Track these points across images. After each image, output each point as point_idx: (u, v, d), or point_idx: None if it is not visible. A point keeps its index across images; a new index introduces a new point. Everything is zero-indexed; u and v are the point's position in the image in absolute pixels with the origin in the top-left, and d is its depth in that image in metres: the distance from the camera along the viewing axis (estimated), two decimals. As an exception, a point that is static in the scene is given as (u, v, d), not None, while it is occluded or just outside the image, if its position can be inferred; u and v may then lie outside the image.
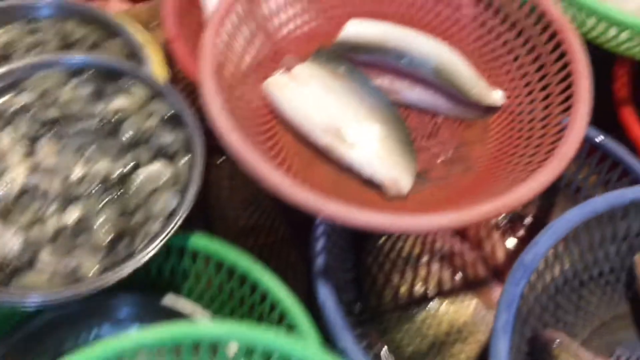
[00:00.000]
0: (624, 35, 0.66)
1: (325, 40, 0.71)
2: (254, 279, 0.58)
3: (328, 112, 0.64)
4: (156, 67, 0.70)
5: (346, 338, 0.56)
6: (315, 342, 0.52)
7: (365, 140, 0.63)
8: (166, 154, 0.58)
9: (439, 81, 0.67)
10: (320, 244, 0.61)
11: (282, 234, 0.72)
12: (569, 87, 0.61)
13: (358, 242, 0.66)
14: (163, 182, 0.57)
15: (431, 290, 0.62)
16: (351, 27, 0.71)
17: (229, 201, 0.73)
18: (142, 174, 0.57)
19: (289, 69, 0.68)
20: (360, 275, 0.64)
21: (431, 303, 0.61)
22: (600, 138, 0.68)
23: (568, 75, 0.62)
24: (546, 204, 0.69)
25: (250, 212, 0.73)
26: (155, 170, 0.56)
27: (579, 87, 0.60)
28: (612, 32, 0.66)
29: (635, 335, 0.55)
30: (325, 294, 0.58)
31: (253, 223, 0.73)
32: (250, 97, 0.65)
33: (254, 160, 0.52)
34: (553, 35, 0.64)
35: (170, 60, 0.73)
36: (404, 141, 0.64)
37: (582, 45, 0.62)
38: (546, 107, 0.63)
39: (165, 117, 0.61)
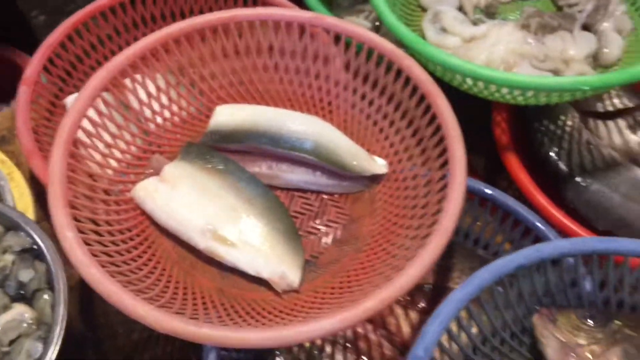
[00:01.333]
0: (480, 84, 0.66)
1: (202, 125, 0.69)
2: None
3: (204, 213, 0.60)
4: (18, 194, 0.65)
5: None
6: None
7: (246, 238, 0.59)
8: (25, 295, 0.53)
9: (318, 159, 0.64)
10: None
11: (179, 342, 0.67)
12: (444, 150, 0.60)
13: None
14: (24, 329, 0.51)
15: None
16: (219, 114, 0.68)
17: (117, 315, 0.68)
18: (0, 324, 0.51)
19: (157, 170, 0.64)
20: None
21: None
22: (489, 190, 0.67)
23: (442, 139, 0.60)
24: (444, 267, 0.67)
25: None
26: (14, 318, 0.51)
27: (453, 151, 0.59)
28: (469, 82, 0.66)
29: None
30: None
31: (147, 335, 0.68)
32: (118, 208, 0.61)
33: (117, 296, 0.48)
34: (422, 99, 0.63)
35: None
36: (287, 231, 0.61)
37: (449, 106, 0.61)
38: (428, 170, 0.62)
39: (22, 251, 0.55)
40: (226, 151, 0.66)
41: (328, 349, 0.61)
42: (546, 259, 0.54)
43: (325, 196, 0.66)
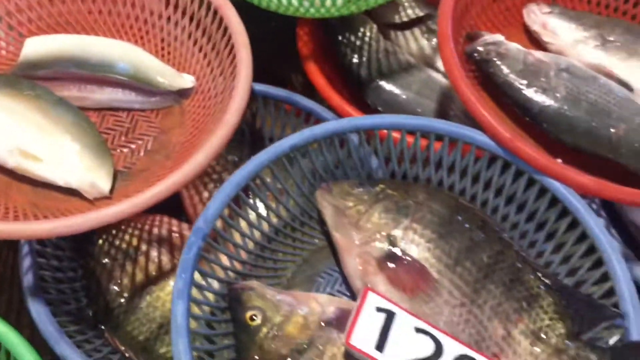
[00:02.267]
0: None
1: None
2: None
3: (10, 134, 0.63)
4: None
5: (63, 346, 0.56)
6: None
7: (53, 153, 0.63)
8: None
9: (126, 79, 0.69)
10: (26, 263, 0.61)
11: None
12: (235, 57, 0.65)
13: (82, 249, 0.67)
14: None
15: (152, 276, 0.64)
16: (29, 45, 0.71)
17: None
18: None
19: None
20: (87, 279, 0.65)
21: (153, 287, 0.63)
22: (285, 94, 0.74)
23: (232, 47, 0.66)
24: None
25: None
26: None
27: (240, 56, 0.65)
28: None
29: (332, 262, 0.61)
30: (37, 311, 0.58)
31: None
32: None
33: None
34: (220, 20, 0.68)
35: None
36: (95, 144, 0.65)
37: (237, 16, 0.67)
38: (224, 80, 0.67)
39: None
40: (36, 79, 0.69)
41: (144, 246, 0.66)
42: (319, 137, 0.61)
43: (136, 113, 0.71)
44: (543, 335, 0.52)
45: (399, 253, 0.55)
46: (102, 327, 0.63)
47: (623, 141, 0.63)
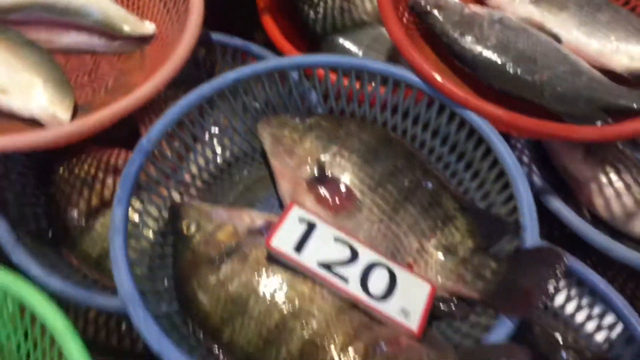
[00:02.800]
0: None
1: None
2: None
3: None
4: None
5: (20, 257, 0.62)
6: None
7: (19, 87, 0.68)
8: None
9: (91, 24, 0.74)
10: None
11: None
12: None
13: (44, 177, 0.72)
14: None
15: (107, 200, 0.69)
16: (2, -9, 0.76)
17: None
18: None
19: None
20: (48, 205, 0.70)
21: (107, 210, 0.68)
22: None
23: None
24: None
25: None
26: None
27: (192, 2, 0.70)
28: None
29: (272, 191, 0.66)
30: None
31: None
32: None
33: None
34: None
35: None
36: (58, 80, 0.70)
37: None
38: (180, 26, 0.73)
39: None
40: (8, 22, 0.74)
41: (100, 175, 0.71)
42: (261, 72, 0.66)
43: (99, 56, 0.76)
44: (453, 249, 0.57)
45: (326, 176, 0.60)
46: (60, 246, 0.68)
47: (546, 86, 0.68)
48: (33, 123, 0.68)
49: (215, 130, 0.68)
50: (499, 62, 0.69)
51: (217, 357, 0.53)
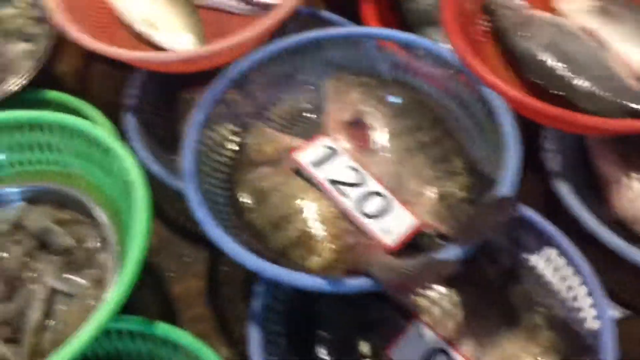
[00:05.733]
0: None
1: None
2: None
3: (144, 9, 0.94)
4: None
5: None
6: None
7: (166, 27, 0.92)
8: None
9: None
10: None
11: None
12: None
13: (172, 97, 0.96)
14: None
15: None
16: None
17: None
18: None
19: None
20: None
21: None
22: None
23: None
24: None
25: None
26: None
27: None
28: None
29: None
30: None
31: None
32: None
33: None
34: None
35: None
36: (196, 30, 0.92)
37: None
38: None
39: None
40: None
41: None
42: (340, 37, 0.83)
43: (234, 16, 0.98)
44: (446, 197, 0.69)
45: (360, 120, 0.75)
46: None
47: (580, 83, 0.76)
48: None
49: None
50: (544, 57, 0.79)
51: (241, 231, 0.70)
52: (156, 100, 0.95)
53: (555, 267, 0.73)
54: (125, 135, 0.87)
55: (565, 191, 0.77)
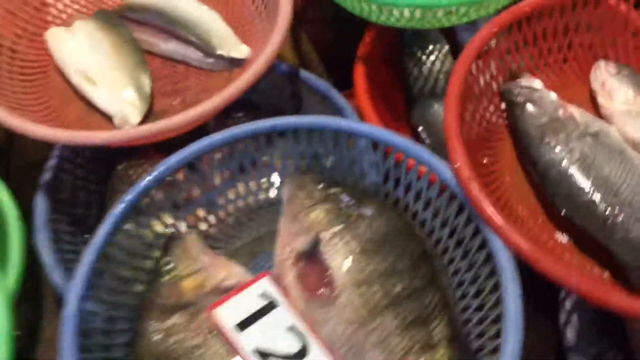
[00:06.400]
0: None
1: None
2: None
3: (83, 57, 0.76)
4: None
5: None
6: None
7: (106, 82, 0.74)
8: None
9: (192, 37, 0.78)
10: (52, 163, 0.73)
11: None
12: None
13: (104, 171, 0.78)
14: None
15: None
16: (133, -7, 0.83)
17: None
18: None
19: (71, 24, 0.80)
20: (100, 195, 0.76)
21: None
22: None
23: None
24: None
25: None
26: None
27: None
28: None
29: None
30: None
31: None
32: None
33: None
34: None
35: None
36: (142, 87, 0.74)
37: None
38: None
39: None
40: (126, 19, 0.80)
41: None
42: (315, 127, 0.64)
43: (190, 70, 0.79)
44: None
45: (318, 254, 0.56)
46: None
47: (619, 225, 0.56)
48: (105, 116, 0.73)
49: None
50: (573, 181, 0.59)
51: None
52: (85, 172, 0.79)
53: None
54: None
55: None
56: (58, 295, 0.66)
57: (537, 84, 0.65)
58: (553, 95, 0.65)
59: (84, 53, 0.76)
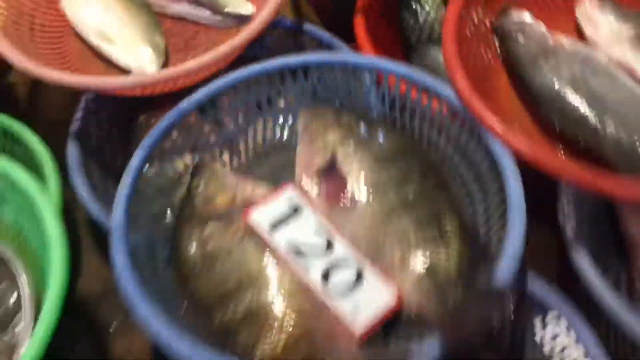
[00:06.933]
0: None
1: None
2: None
3: (99, 19, 0.81)
4: None
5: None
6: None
7: (123, 41, 0.79)
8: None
9: (201, -4, 0.83)
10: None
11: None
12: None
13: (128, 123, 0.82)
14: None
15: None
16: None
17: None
18: None
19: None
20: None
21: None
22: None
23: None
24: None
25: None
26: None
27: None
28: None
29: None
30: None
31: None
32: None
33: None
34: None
35: None
36: (156, 44, 0.79)
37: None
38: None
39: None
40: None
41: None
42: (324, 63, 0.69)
43: (200, 28, 0.84)
44: (433, 272, 0.55)
45: (335, 168, 0.61)
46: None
47: (610, 133, 0.62)
48: (124, 72, 0.78)
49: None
50: (565, 95, 0.65)
51: (181, 302, 0.57)
52: (109, 124, 0.83)
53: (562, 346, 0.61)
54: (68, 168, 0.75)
55: (586, 270, 0.61)
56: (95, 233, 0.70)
57: (527, 17, 0.71)
58: (543, 27, 0.71)
59: (100, 15, 0.81)
